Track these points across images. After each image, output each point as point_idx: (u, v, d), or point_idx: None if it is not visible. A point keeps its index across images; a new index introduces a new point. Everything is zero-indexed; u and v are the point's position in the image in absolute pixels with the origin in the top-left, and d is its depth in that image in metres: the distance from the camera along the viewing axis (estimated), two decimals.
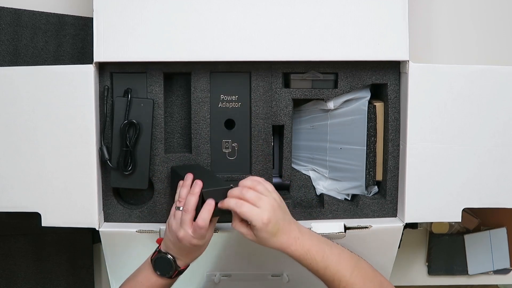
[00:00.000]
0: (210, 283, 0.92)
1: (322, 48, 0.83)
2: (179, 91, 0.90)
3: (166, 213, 0.87)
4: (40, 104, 0.82)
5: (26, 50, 0.96)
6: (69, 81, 0.82)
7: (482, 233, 1.10)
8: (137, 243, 0.86)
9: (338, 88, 0.86)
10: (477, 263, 1.10)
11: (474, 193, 0.85)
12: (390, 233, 0.87)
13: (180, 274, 0.78)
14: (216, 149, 0.88)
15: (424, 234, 1.11)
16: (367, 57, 0.84)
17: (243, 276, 0.92)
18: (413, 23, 0.88)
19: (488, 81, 0.83)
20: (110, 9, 0.82)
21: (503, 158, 0.85)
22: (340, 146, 0.89)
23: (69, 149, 0.82)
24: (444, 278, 1.12)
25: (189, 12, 0.82)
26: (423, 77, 0.83)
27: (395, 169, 0.88)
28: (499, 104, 0.84)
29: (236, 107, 0.87)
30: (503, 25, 1.01)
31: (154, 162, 0.86)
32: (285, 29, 0.83)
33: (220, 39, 0.82)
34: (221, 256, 0.89)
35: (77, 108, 0.82)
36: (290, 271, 0.91)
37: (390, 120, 0.87)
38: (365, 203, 0.89)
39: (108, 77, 0.85)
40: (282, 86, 0.87)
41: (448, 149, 0.84)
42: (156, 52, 0.82)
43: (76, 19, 0.97)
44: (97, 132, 0.83)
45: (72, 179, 0.81)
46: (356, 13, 0.83)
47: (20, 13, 0.95)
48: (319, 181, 0.92)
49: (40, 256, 1.02)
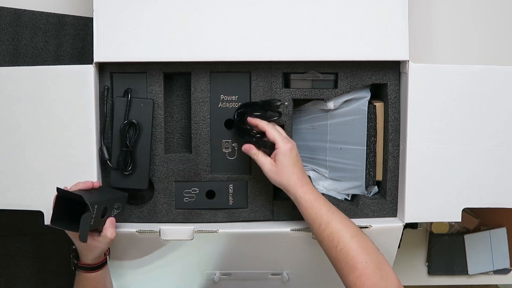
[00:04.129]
0: (210, 282, 0.92)
1: (322, 48, 0.83)
2: (179, 91, 0.90)
3: (166, 213, 0.87)
4: (40, 104, 0.82)
5: (26, 50, 0.96)
6: (69, 81, 0.82)
7: (482, 233, 1.10)
8: (137, 243, 0.86)
9: (338, 88, 0.86)
10: (477, 263, 1.10)
11: (474, 193, 0.85)
12: (390, 233, 0.87)
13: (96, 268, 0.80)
14: (216, 149, 0.88)
15: (424, 234, 1.11)
16: (367, 57, 0.84)
17: (243, 275, 0.92)
18: (413, 23, 0.87)
19: (488, 81, 0.83)
20: (110, 9, 0.82)
21: (503, 158, 0.85)
22: (340, 146, 0.89)
23: (70, 149, 0.82)
24: (444, 278, 1.12)
25: (189, 12, 0.82)
26: (423, 77, 0.83)
27: (395, 169, 0.88)
28: (499, 104, 0.84)
29: (236, 107, 0.87)
30: (503, 25, 1.01)
31: (154, 162, 0.86)
32: (285, 29, 0.83)
33: (220, 39, 0.82)
34: (221, 255, 0.89)
35: (77, 108, 0.82)
36: (290, 270, 0.91)
37: (390, 120, 0.87)
38: (365, 203, 0.89)
39: (108, 77, 0.85)
40: (282, 86, 0.87)
41: (448, 149, 0.84)
42: (156, 52, 0.82)
43: (76, 19, 0.97)
44: (97, 132, 0.83)
45: (73, 179, 0.81)
46: (356, 13, 0.83)
47: (20, 13, 0.95)
48: (319, 181, 0.92)
49: (40, 256, 1.02)
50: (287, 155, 0.77)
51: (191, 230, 0.84)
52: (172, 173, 0.87)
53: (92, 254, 0.79)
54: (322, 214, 0.73)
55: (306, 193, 0.75)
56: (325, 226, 0.73)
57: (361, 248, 0.72)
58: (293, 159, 0.78)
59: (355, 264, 0.70)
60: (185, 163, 0.87)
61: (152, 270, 0.90)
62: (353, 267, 0.70)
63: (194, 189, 0.88)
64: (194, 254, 0.88)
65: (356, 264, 0.70)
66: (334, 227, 0.73)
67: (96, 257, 0.79)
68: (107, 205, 0.77)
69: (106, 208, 0.76)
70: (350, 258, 0.71)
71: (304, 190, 0.76)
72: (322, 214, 0.73)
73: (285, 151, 0.77)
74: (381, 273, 0.71)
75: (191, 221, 0.87)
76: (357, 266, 0.70)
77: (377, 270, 0.70)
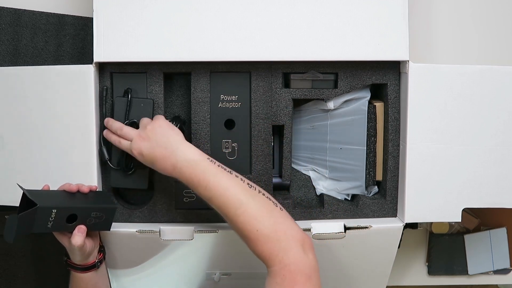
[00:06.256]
0: (210, 282, 0.92)
1: (322, 48, 0.83)
2: (179, 91, 0.90)
3: (166, 213, 0.87)
4: (40, 104, 0.82)
5: (26, 50, 0.96)
6: (69, 81, 0.82)
7: (482, 233, 1.10)
8: (137, 243, 0.86)
9: (338, 88, 0.86)
10: (477, 263, 1.10)
11: (474, 193, 0.85)
12: (390, 233, 0.87)
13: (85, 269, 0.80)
14: (216, 149, 0.88)
15: (424, 234, 1.11)
16: (367, 57, 0.84)
17: (243, 274, 0.92)
18: (413, 23, 0.87)
19: (488, 81, 0.83)
20: (110, 9, 0.82)
21: (503, 158, 0.85)
22: (340, 146, 0.89)
23: (69, 149, 0.82)
24: (444, 278, 1.12)
25: (189, 12, 0.82)
26: (423, 77, 0.83)
27: (395, 169, 0.88)
28: (499, 104, 0.84)
29: (236, 107, 0.87)
30: (503, 25, 1.01)
31: None
32: (285, 29, 0.83)
33: (220, 39, 0.82)
34: (221, 255, 0.89)
35: (77, 108, 0.82)
36: None
37: (390, 120, 0.87)
38: (365, 203, 0.89)
39: (108, 77, 0.85)
40: (282, 86, 0.87)
41: (448, 149, 0.84)
42: (156, 52, 0.82)
43: (76, 19, 0.97)
44: (97, 132, 0.83)
45: (73, 179, 0.81)
46: (356, 13, 0.83)
47: (20, 13, 0.95)
48: (319, 181, 0.92)
49: (40, 256, 1.02)
50: (142, 160, 0.77)
51: (191, 230, 0.84)
52: None
53: (74, 255, 0.79)
54: (200, 192, 0.73)
55: (179, 178, 0.75)
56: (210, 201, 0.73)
57: (247, 219, 0.70)
58: (148, 159, 0.77)
59: (248, 235, 0.69)
60: None
61: (152, 270, 0.90)
62: (247, 238, 0.70)
63: None
64: (194, 254, 0.88)
65: (249, 235, 0.69)
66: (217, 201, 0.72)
67: (82, 259, 0.79)
68: (78, 213, 0.76)
69: (76, 215, 0.76)
70: (240, 232, 0.70)
71: (175, 176, 0.75)
72: (201, 193, 0.73)
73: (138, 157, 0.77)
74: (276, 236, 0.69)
75: (191, 221, 0.87)
76: (250, 237, 0.69)
77: (270, 235, 0.69)
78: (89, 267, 0.81)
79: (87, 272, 0.81)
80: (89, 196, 0.79)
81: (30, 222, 0.72)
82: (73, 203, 0.77)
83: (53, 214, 0.73)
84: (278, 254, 0.67)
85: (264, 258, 0.69)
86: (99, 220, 0.79)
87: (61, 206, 0.75)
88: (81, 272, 0.80)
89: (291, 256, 0.67)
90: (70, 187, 0.78)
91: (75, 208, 0.76)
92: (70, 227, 0.76)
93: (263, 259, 0.69)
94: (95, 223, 0.79)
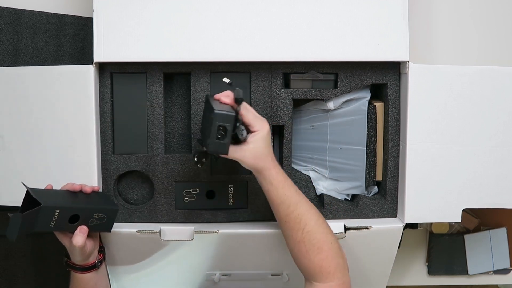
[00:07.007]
0: (210, 283, 0.92)
1: (322, 48, 0.83)
2: (179, 91, 0.90)
3: (166, 213, 0.87)
4: (40, 104, 0.82)
5: (26, 50, 0.96)
6: (69, 81, 0.82)
7: (482, 233, 1.10)
8: (138, 243, 0.86)
9: (338, 88, 0.86)
10: (477, 263, 1.10)
11: (474, 193, 0.85)
12: (390, 234, 0.87)
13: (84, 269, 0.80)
14: None
15: (424, 234, 1.11)
16: (367, 58, 0.84)
17: (243, 275, 0.92)
18: (413, 23, 0.87)
19: (488, 81, 0.83)
20: (110, 9, 0.82)
21: (503, 158, 0.85)
22: (340, 146, 0.89)
23: (70, 149, 0.82)
24: (444, 278, 1.12)
25: (189, 12, 0.82)
26: (423, 78, 0.83)
27: (395, 169, 0.88)
28: (499, 104, 0.84)
29: None
30: (503, 25, 1.01)
31: (154, 162, 0.86)
32: (285, 29, 0.83)
33: (220, 39, 0.82)
34: (221, 256, 0.89)
35: (77, 108, 0.82)
36: (290, 271, 0.91)
37: (390, 120, 0.87)
38: (365, 203, 0.89)
39: (108, 77, 0.85)
40: (282, 86, 0.87)
41: (448, 149, 0.84)
42: (156, 52, 0.82)
43: (76, 19, 0.97)
44: (97, 132, 0.83)
45: (73, 178, 0.81)
46: (356, 13, 0.83)
47: (20, 13, 0.95)
48: (319, 181, 0.92)
49: (40, 256, 1.02)
50: (266, 138, 0.74)
51: (191, 231, 0.84)
52: (172, 173, 0.87)
53: (74, 256, 0.79)
54: (291, 195, 0.74)
55: (278, 174, 0.75)
56: (293, 207, 0.74)
57: (326, 230, 0.75)
58: (269, 141, 0.75)
59: (322, 246, 0.73)
60: (185, 163, 0.87)
61: (152, 270, 0.90)
62: (320, 249, 0.73)
63: (194, 189, 0.88)
64: (194, 254, 0.88)
65: (323, 246, 0.73)
66: (302, 208, 0.74)
67: (82, 259, 0.79)
68: (81, 213, 0.76)
69: (78, 215, 0.76)
70: (316, 240, 0.74)
71: (276, 171, 0.75)
72: (291, 195, 0.74)
73: (264, 135, 0.73)
74: (341, 254, 0.75)
75: (191, 221, 0.87)
76: (324, 248, 0.73)
77: (339, 251, 0.75)
78: (89, 268, 0.81)
79: (87, 273, 0.81)
80: (91, 197, 0.79)
81: (33, 220, 0.72)
82: (76, 203, 0.77)
83: (56, 213, 0.74)
84: (341, 270, 0.74)
85: (325, 271, 0.73)
86: (100, 221, 0.79)
87: (65, 206, 0.75)
88: (81, 273, 0.80)
89: (347, 274, 0.75)
90: (73, 187, 0.78)
91: (78, 209, 0.76)
92: (72, 227, 0.76)
93: (323, 271, 0.73)
94: (97, 224, 0.79)
